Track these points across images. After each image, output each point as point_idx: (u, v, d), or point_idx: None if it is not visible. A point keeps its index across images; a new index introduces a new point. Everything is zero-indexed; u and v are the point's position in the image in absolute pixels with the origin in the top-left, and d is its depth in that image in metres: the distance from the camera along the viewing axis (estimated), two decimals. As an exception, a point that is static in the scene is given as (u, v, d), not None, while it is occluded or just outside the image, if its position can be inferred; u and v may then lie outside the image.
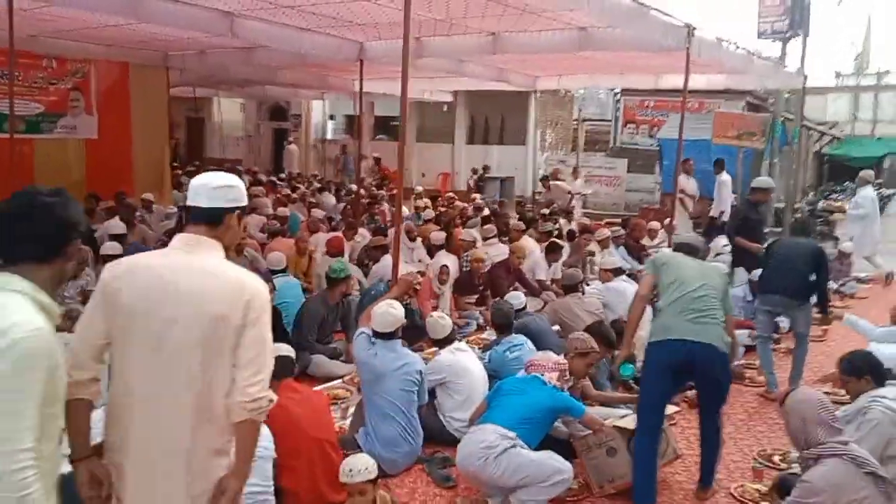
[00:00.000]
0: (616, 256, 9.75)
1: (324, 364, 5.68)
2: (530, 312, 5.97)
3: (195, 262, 2.21)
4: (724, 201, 11.51)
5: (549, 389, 3.97)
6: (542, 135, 20.96)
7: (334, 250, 7.37)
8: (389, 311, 4.43)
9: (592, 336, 4.84)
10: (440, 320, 4.69)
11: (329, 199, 14.23)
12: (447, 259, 8.00)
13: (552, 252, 8.62)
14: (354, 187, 16.80)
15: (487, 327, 7.36)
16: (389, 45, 10.70)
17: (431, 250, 8.43)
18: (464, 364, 4.56)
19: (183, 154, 26.84)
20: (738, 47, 9.35)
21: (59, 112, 11.96)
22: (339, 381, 5.60)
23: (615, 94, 19.40)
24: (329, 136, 25.50)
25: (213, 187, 2.27)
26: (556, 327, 6.28)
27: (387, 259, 7.69)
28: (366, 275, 7.82)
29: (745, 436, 5.14)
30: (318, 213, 10.90)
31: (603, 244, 9.52)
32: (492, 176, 19.40)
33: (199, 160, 24.96)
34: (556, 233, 10.98)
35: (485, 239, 9.15)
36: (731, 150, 13.15)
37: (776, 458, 4.62)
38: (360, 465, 3.26)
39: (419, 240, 10.06)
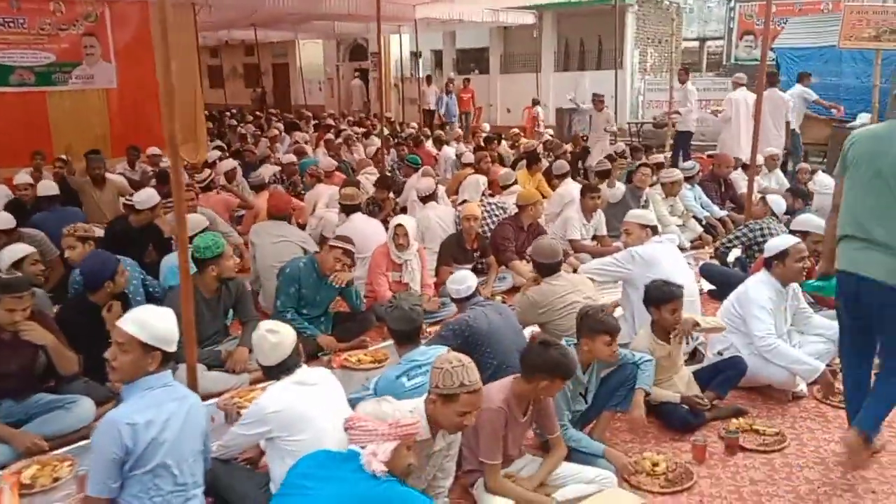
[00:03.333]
0: (689, 200, 7.52)
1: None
2: (484, 300, 4.03)
3: None
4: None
5: (365, 482, 2.17)
6: (641, 56, 18.08)
7: (274, 210, 5.68)
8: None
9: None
10: (268, 336, 2.91)
11: (376, 142, 12.51)
12: (431, 212, 6.16)
13: (586, 196, 6.51)
14: (415, 126, 15.19)
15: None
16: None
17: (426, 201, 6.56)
18: (301, 410, 2.78)
19: (271, 102, 26.18)
20: None
21: (74, 61, 10.94)
22: (212, 401, 3.99)
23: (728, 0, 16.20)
24: (420, 73, 23.66)
25: None
26: (532, 330, 4.35)
27: (355, 220, 5.99)
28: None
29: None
30: (328, 161, 9.23)
31: (669, 189, 7.24)
32: (575, 107, 16.90)
33: (287, 108, 24.15)
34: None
35: (504, 187, 7.17)
36: (868, 55, 10.16)
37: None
38: None
39: (441, 188, 8.25)
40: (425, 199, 6.46)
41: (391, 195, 7.90)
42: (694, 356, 4.53)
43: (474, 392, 2.59)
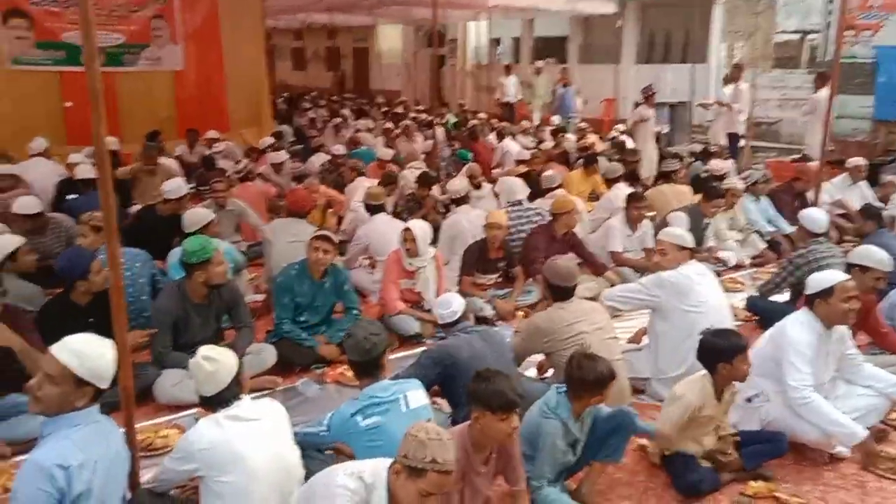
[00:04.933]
0: (751, 213, 6.90)
1: (170, 386, 3.89)
2: (470, 327, 3.64)
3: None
4: None
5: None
6: (729, 50, 17.04)
7: (295, 209, 5.46)
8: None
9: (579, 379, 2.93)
10: (204, 364, 2.61)
11: (440, 134, 12.19)
12: (462, 217, 5.79)
13: (631, 205, 5.99)
14: (482, 116, 14.70)
15: (496, 321, 5.17)
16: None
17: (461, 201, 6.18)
18: (231, 449, 2.53)
19: (350, 86, 26.32)
20: None
21: (142, 42, 11.09)
22: (192, 412, 3.81)
23: (828, -9, 14.99)
24: (505, 61, 23.01)
25: None
26: (536, 359, 3.95)
27: (377, 220, 5.72)
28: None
29: None
30: (384, 152, 8.99)
31: (728, 199, 6.60)
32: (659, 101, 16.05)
33: (365, 92, 24.21)
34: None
35: (547, 189, 6.71)
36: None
37: None
38: None
39: (488, 186, 7.88)
40: (456, 202, 6.11)
41: (433, 192, 7.57)
42: (723, 398, 4.03)
43: (445, 473, 2.21)
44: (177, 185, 5.95)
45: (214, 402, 2.65)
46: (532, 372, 4.18)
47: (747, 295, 5.52)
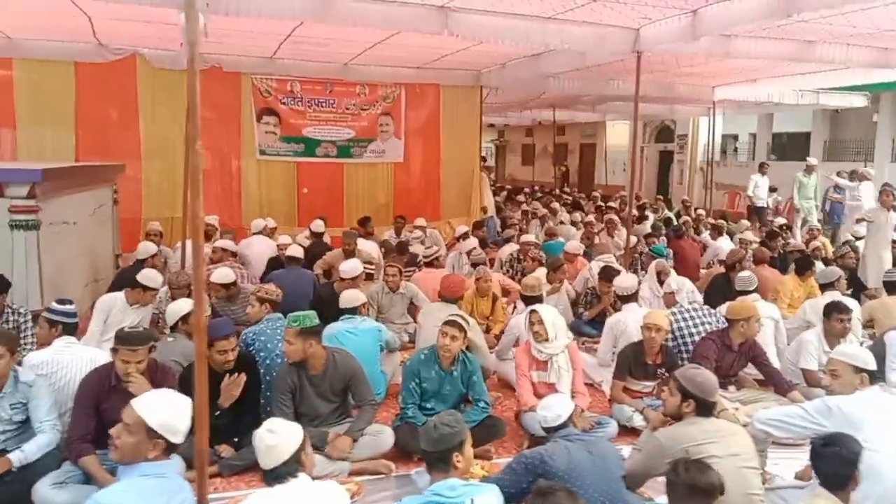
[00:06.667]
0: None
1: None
2: (574, 434, 3.23)
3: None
4: None
5: None
6: None
7: (444, 293, 5.44)
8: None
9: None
10: (265, 436, 2.55)
11: (644, 227, 11.75)
12: (630, 316, 5.35)
13: (832, 317, 5.13)
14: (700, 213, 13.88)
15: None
16: (670, 27, 8.16)
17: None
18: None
19: (575, 181, 26.57)
20: None
21: (369, 137, 12.18)
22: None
23: None
24: (741, 158, 21.76)
25: None
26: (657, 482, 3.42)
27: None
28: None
29: None
30: (574, 245, 8.79)
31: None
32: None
33: (588, 187, 24.31)
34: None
35: (740, 292, 5.99)
36: None
37: None
38: None
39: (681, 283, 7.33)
40: (624, 300, 5.70)
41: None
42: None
43: None
44: (352, 266, 6.28)
45: (271, 477, 2.63)
46: (664, 500, 3.65)
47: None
